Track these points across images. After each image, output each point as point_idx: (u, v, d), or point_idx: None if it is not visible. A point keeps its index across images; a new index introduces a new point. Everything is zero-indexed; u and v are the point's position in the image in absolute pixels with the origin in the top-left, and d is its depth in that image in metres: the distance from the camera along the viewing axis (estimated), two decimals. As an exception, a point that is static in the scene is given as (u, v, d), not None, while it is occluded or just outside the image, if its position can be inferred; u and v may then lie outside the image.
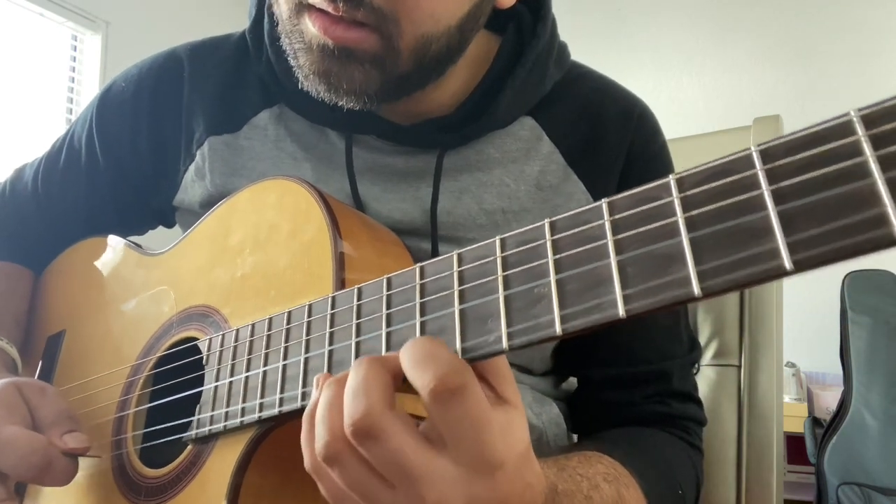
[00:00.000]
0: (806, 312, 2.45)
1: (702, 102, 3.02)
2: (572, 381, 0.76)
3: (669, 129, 0.75)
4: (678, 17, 3.14)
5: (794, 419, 2.12)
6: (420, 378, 0.35)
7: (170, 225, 0.82)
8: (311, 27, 0.55)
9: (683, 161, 0.75)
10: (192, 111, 0.72)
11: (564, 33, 0.71)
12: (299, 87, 0.61)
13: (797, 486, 2.29)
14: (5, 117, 2.57)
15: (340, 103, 0.59)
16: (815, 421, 2.11)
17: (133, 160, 0.75)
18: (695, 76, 3.08)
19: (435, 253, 0.64)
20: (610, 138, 0.67)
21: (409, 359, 0.36)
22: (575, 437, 0.74)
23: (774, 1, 2.98)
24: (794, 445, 2.19)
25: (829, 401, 2.20)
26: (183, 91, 0.72)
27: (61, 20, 2.73)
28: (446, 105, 0.66)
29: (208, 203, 0.68)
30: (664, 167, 0.70)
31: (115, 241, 0.76)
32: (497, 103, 0.64)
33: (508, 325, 0.35)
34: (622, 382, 0.67)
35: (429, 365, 0.35)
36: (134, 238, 0.77)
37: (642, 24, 3.20)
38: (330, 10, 0.54)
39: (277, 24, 0.62)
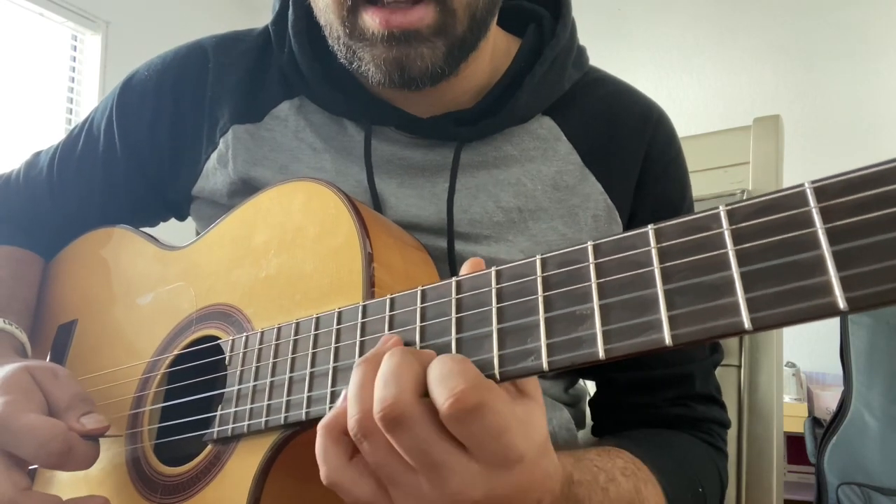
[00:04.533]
0: (805, 312, 2.45)
1: (702, 102, 3.02)
2: (581, 387, 0.76)
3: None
4: (678, 16, 3.14)
5: (794, 419, 2.12)
6: (438, 396, 0.35)
7: (182, 218, 0.81)
8: (370, 22, 0.57)
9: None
10: (216, 100, 0.72)
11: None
12: (320, 78, 0.61)
13: (797, 486, 2.29)
14: (5, 117, 2.56)
15: (413, 87, 0.60)
16: (815, 421, 2.12)
17: (151, 151, 0.75)
18: (695, 76, 3.08)
19: (451, 250, 0.64)
20: (627, 141, 0.68)
21: (432, 376, 0.36)
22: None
23: (774, 1, 2.98)
24: (794, 445, 2.19)
25: (829, 401, 2.20)
26: (207, 81, 0.73)
27: (61, 20, 2.73)
28: (466, 100, 0.68)
29: (231, 192, 0.69)
30: (680, 172, 0.72)
31: (130, 233, 0.76)
32: (515, 99, 0.65)
33: (549, 345, 0.35)
34: (645, 385, 0.67)
35: (447, 382, 0.35)
36: (148, 230, 0.76)
37: (642, 23, 3.20)
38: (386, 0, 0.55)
39: (304, 16, 0.63)
